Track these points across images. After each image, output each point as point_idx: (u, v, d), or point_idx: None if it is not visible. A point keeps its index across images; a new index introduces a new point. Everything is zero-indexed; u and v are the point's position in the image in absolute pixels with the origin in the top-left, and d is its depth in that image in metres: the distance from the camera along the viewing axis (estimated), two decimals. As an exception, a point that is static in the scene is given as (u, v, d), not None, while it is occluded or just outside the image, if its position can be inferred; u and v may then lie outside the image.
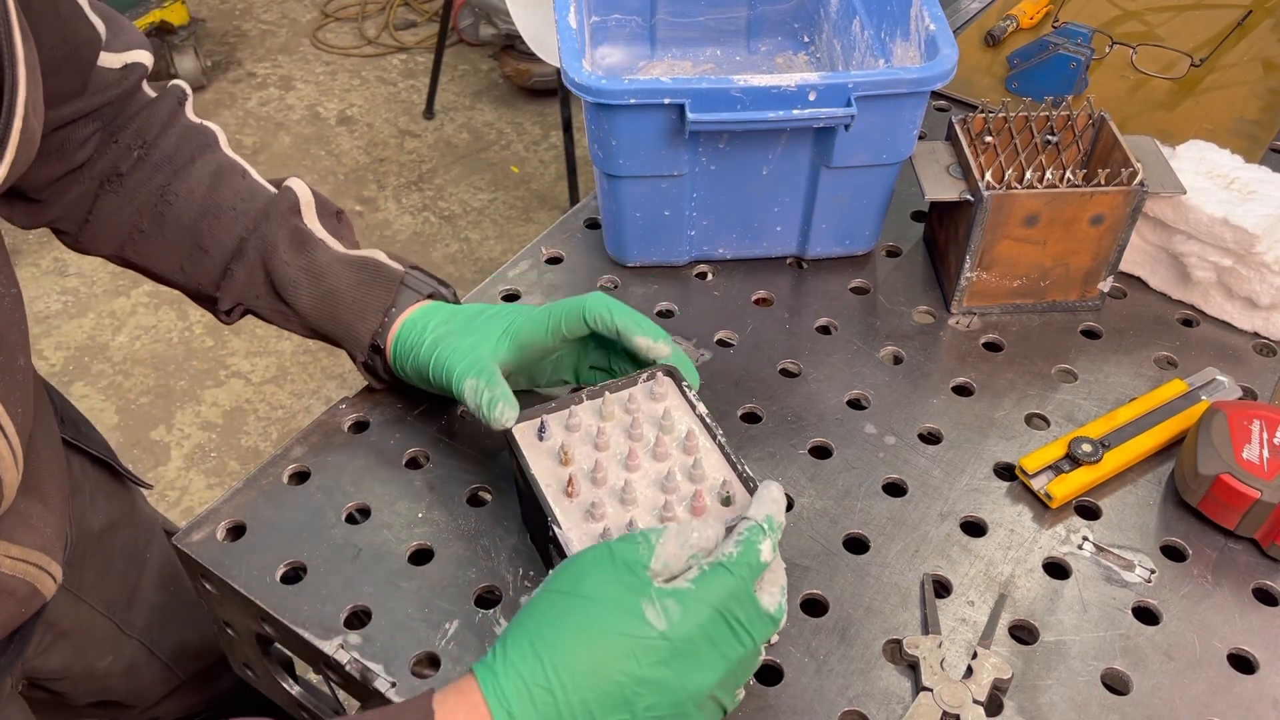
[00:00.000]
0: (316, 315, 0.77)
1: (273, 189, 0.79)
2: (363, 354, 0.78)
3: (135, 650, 0.96)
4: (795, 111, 0.82)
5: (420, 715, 0.52)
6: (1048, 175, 0.85)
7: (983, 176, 0.84)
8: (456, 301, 0.81)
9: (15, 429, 0.62)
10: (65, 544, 0.75)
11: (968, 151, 0.87)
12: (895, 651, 0.69)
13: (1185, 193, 0.86)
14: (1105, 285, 0.90)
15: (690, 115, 0.81)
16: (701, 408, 0.70)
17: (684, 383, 0.72)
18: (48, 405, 0.79)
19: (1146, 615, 0.71)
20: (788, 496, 0.77)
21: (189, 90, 0.81)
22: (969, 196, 0.86)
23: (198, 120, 0.81)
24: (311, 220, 0.79)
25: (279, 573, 0.72)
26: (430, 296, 0.79)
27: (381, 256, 0.79)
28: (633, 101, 0.81)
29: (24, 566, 0.69)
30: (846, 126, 0.83)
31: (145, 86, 0.78)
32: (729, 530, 0.59)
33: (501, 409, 0.69)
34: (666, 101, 0.82)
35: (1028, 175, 0.84)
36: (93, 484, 0.89)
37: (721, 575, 0.56)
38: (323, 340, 0.80)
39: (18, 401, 0.62)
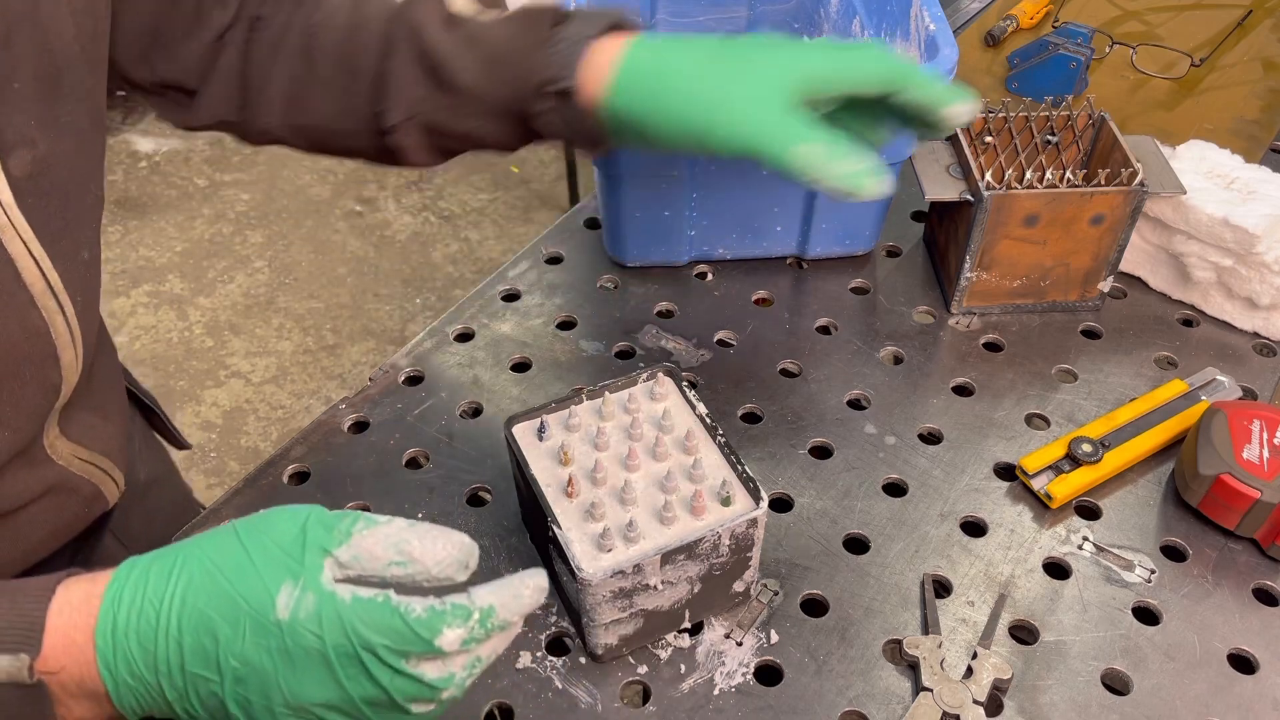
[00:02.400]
0: (491, 85, 0.67)
1: None
2: (544, 99, 0.66)
3: None
4: (795, 111, 0.81)
5: (44, 590, 0.50)
6: (1048, 175, 0.85)
7: (982, 177, 0.84)
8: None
9: (76, 315, 0.61)
10: (125, 463, 0.76)
11: (967, 152, 0.87)
12: (895, 652, 0.69)
13: (1185, 193, 0.86)
14: (1105, 285, 0.90)
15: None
16: (701, 408, 0.70)
17: (684, 382, 0.72)
18: (109, 340, 0.77)
19: (1146, 615, 0.71)
20: (786, 499, 0.77)
21: None
22: (969, 197, 0.85)
23: None
24: (463, 4, 0.71)
25: (279, 573, 0.72)
26: (614, 27, 0.67)
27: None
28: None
29: (89, 468, 0.71)
30: (846, 126, 0.83)
31: None
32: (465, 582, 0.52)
33: (872, 180, 0.59)
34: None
35: (1028, 175, 0.84)
36: (141, 434, 0.89)
37: (385, 611, 0.47)
38: (519, 132, 0.69)
39: (79, 290, 0.61)
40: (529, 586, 0.51)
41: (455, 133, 0.70)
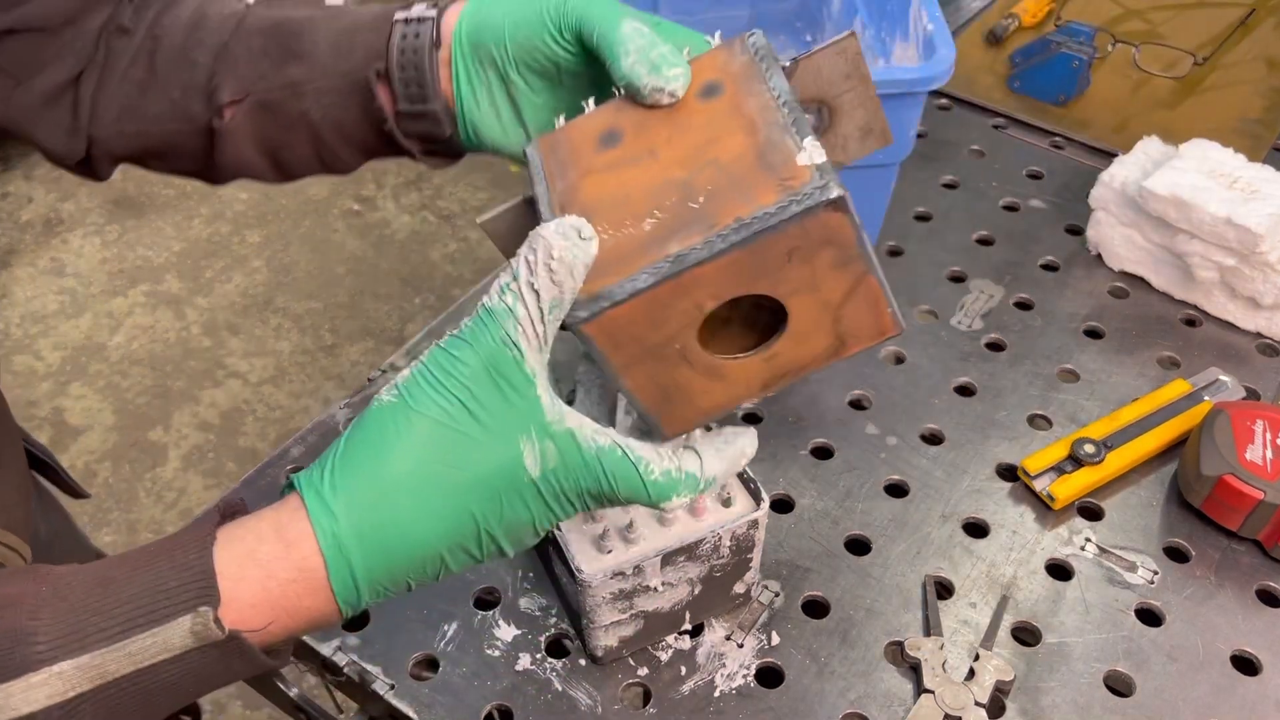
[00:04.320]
0: (333, 57, 0.61)
1: None
2: (380, 60, 0.60)
3: None
4: (793, 110, 0.81)
5: (199, 539, 0.46)
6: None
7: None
8: None
9: None
10: (29, 531, 0.73)
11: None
12: (897, 653, 0.68)
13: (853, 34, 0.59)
14: (812, 156, 0.48)
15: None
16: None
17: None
18: (2, 400, 0.72)
19: (1149, 617, 0.71)
20: (787, 500, 0.77)
21: None
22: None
23: None
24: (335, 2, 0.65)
25: (276, 574, 0.71)
26: None
27: None
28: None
29: None
30: (846, 126, 0.83)
31: None
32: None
33: (677, 73, 0.52)
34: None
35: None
36: (37, 489, 0.87)
37: (626, 467, 0.47)
38: (363, 124, 0.62)
39: None
40: (745, 455, 0.52)
41: (289, 119, 0.63)
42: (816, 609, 0.71)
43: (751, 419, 0.83)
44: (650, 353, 0.48)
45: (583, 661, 0.68)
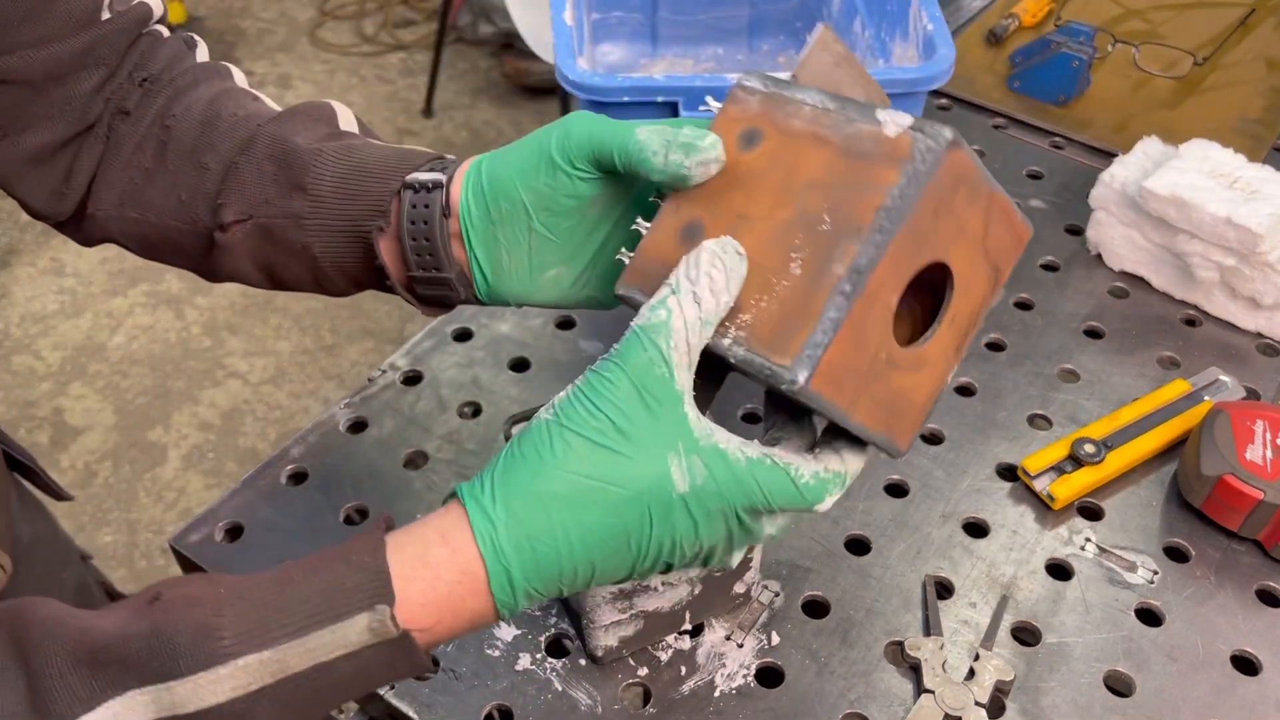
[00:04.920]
0: (346, 193, 0.61)
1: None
2: (383, 217, 0.60)
3: None
4: (792, 110, 0.81)
5: (371, 543, 0.48)
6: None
7: None
8: None
9: None
10: (10, 539, 0.73)
11: None
12: (897, 653, 0.68)
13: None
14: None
15: (684, 114, 0.80)
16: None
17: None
18: None
19: (1149, 617, 0.71)
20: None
21: (200, 40, 0.71)
22: None
23: (207, 58, 0.70)
24: (349, 126, 0.66)
25: (277, 574, 0.72)
26: None
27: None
28: (626, 100, 0.81)
29: None
30: (844, 125, 0.83)
31: (156, 27, 0.68)
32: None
33: (711, 142, 0.52)
34: (660, 100, 0.81)
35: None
36: (19, 492, 0.87)
37: (778, 475, 0.48)
38: (357, 264, 0.62)
39: None
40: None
41: (290, 246, 0.63)
42: (816, 609, 0.71)
43: (752, 419, 0.83)
44: (866, 376, 0.48)
45: (583, 661, 0.68)
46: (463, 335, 0.89)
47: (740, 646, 0.68)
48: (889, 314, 0.47)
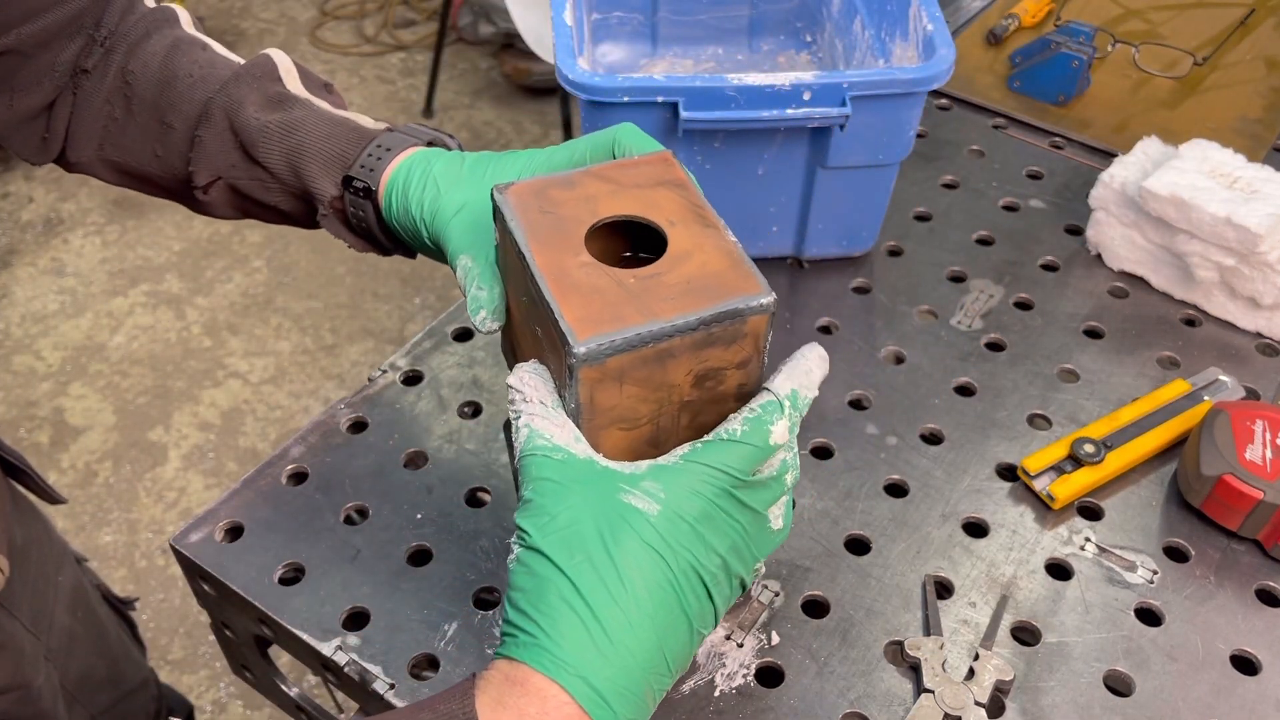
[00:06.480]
0: (287, 173, 0.69)
1: (238, 60, 0.73)
2: (324, 205, 0.69)
3: (50, 674, 0.91)
4: (789, 111, 0.81)
5: (461, 698, 0.48)
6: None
7: None
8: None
9: None
10: (7, 542, 0.73)
11: None
12: (897, 653, 0.68)
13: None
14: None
15: (684, 114, 0.80)
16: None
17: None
18: None
19: (1149, 616, 0.71)
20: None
21: None
22: None
23: (154, 3, 0.76)
24: (294, 85, 0.71)
25: (277, 574, 0.72)
26: (431, 144, 0.69)
27: (367, 121, 0.70)
28: (626, 100, 0.81)
29: None
30: (841, 127, 0.83)
31: None
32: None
33: (482, 317, 0.59)
34: (660, 100, 0.81)
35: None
36: (12, 495, 0.87)
37: (719, 449, 0.50)
38: (309, 219, 0.71)
39: None
40: (813, 360, 0.54)
41: (260, 202, 0.71)
42: (816, 609, 0.71)
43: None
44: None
45: (583, 661, 0.68)
46: (463, 335, 0.90)
47: (740, 646, 0.68)
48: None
